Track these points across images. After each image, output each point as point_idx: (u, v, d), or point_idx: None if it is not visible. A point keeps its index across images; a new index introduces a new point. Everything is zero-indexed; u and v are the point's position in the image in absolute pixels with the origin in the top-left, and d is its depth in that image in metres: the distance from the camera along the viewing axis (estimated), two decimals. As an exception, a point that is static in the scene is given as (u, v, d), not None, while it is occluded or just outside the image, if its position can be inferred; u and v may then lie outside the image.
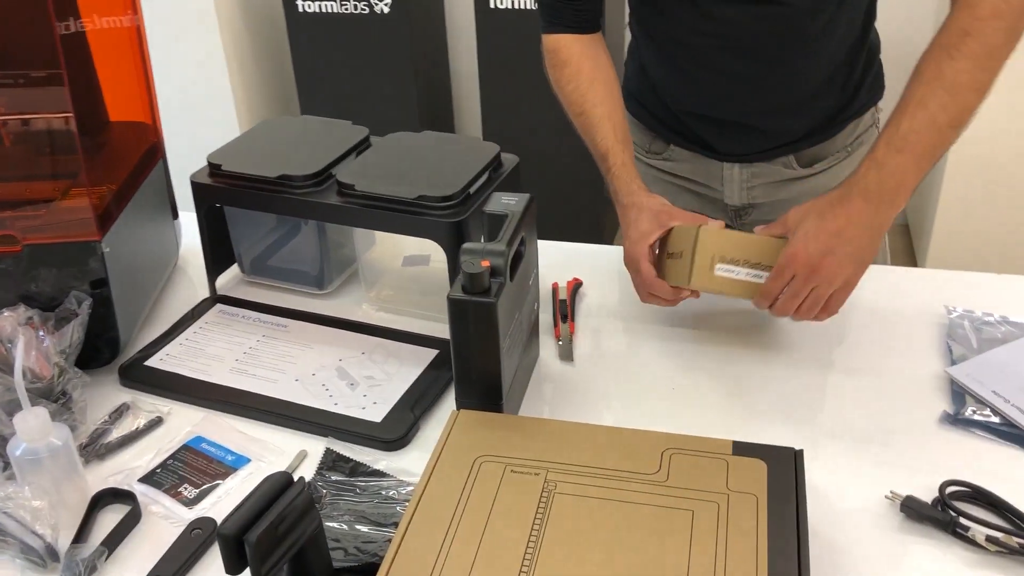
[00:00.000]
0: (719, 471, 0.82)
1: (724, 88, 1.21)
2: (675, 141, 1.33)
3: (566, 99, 1.23)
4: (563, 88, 1.23)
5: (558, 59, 1.22)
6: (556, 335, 1.15)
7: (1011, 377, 1.01)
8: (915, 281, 1.23)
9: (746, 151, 1.29)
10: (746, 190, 1.32)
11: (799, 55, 1.17)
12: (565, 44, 1.22)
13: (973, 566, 0.82)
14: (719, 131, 1.29)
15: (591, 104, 1.19)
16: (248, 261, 1.29)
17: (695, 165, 1.33)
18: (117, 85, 1.21)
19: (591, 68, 1.20)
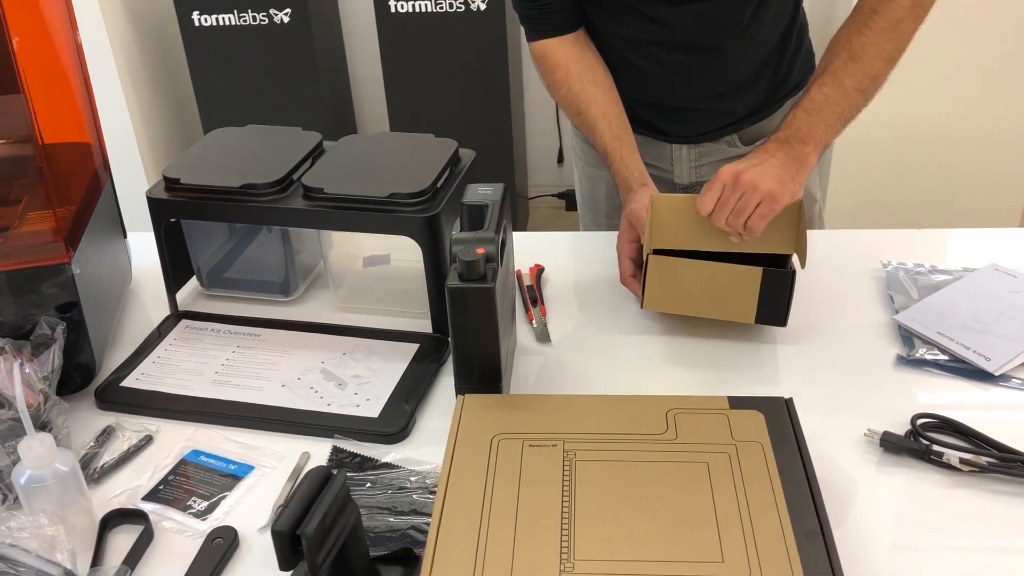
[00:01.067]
0: (722, 424, 0.88)
1: (668, 78, 1.28)
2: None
3: (561, 102, 1.29)
4: (557, 92, 1.28)
5: (547, 65, 1.27)
6: (530, 319, 1.19)
7: (951, 318, 1.11)
8: (848, 241, 1.33)
9: (693, 133, 1.37)
10: (694, 168, 1.40)
11: (735, 43, 1.26)
12: (552, 49, 1.26)
13: (950, 487, 0.91)
14: (666, 116, 1.37)
15: (585, 104, 1.25)
16: (208, 275, 1.28)
17: (646, 148, 1.40)
18: (59, 106, 1.18)
19: (579, 69, 1.26)
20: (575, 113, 1.28)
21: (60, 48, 1.16)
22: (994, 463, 0.91)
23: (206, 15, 2.57)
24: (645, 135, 1.39)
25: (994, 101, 2.49)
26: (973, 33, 2.41)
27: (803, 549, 0.74)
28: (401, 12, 2.58)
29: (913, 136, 2.54)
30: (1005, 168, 2.58)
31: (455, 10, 2.56)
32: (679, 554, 0.74)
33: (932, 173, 2.60)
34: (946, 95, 2.48)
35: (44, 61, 1.13)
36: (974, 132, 2.54)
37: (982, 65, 2.45)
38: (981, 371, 1.04)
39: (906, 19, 1.12)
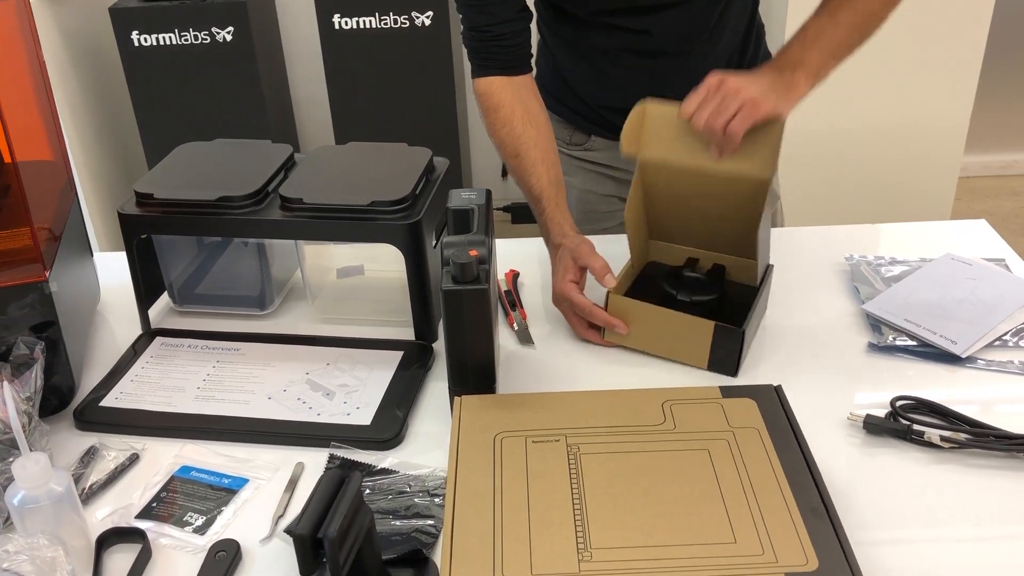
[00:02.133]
0: (717, 413, 0.91)
1: (636, 82, 1.31)
2: (595, 132, 1.42)
3: (500, 142, 1.25)
4: (497, 132, 1.25)
5: (491, 103, 1.24)
6: (511, 322, 1.21)
7: (917, 305, 1.16)
8: (811, 237, 1.38)
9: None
10: None
11: (703, 46, 1.29)
12: (497, 87, 1.24)
13: (932, 463, 0.95)
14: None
15: (525, 147, 1.22)
16: (179, 291, 1.26)
17: (615, 153, 1.42)
18: (24, 124, 1.15)
19: (523, 112, 1.23)
20: (513, 155, 1.24)
21: (24, 66, 1.14)
22: (970, 439, 0.95)
23: (146, 35, 2.53)
24: (614, 140, 1.41)
25: (922, 106, 2.61)
26: (901, 35, 2.52)
27: (810, 525, 0.77)
28: (345, 28, 2.57)
29: (851, 138, 2.63)
30: (936, 164, 2.70)
31: (399, 26, 2.57)
32: (693, 537, 0.76)
33: (862, 172, 2.70)
34: (883, 101, 2.58)
35: (10, 79, 1.11)
36: (905, 134, 2.65)
37: (916, 70, 2.56)
38: (948, 354, 1.09)
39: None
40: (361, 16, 2.56)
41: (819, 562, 0.73)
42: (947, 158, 2.70)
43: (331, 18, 2.57)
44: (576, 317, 1.16)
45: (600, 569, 0.74)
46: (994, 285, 1.19)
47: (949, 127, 2.65)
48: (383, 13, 2.55)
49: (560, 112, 1.44)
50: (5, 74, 1.09)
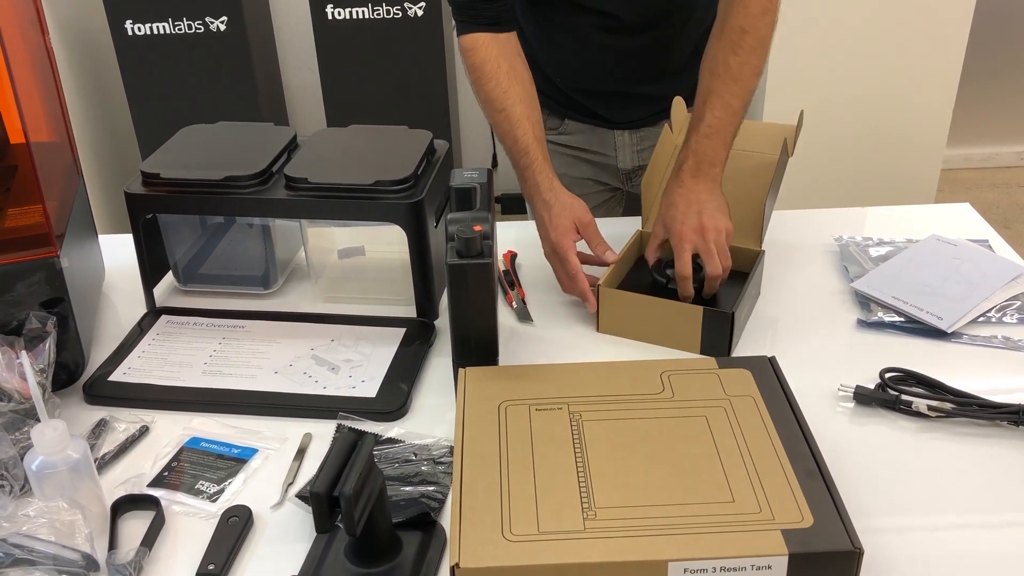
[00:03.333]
0: (714, 383, 0.94)
1: (608, 63, 1.34)
2: (568, 116, 1.45)
3: (486, 96, 1.26)
4: (483, 86, 1.25)
5: (476, 58, 1.25)
6: (509, 301, 1.24)
7: (903, 283, 1.19)
8: (801, 220, 1.41)
9: (633, 118, 1.43)
10: (636, 153, 1.46)
11: (673, 27, 1.32)
12: (483, 43, 1.25)
13: (920, 432, 0.98)
14: (607, 102, 1.42)
15: (511, 102, 1.23)
16: (183, 270, 1.28)
17: (589, 136, 1.46)
18: (30, 106, 1.17)
19: (509, 68, 1.24)
20: (498, 109, 1.25)
21: (33, 50, 1.15)
22: (955, 408, 0.99)
23: (139, 24, 2.54)
24: (588, 123, 1.45)
25: (905, 100, 2.65)
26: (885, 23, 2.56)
27: (805, 485, 0.80)
28: (338, 19, 2.59)
29: (836, 133, 2.68)
30: (919, 157, 2.75)
31: (392, 16, 2.59)
32: (693, 497, 0.79)
33: (847, 165, 2.75)
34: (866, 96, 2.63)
35: (21, 62, 1.12)
36: (889, 128, 2.69)
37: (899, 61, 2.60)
38: (935, 329, 1.12)
39: (769, 35, 1.20)
40: (354, 7, 2.58)
41: (814, 519, 0.76)
42: (930, 151, 2.75)
43: (324, 8, 2.59)
44: (564, 273, 1.19)
45: (604, 526, 0.76)
46: (978, 265, 1.22)
47: (932, 121, 2.70)
48: (376, 3, 2.57)
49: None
50: (16, 57, 1.10)
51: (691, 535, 0.75)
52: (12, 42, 1.05)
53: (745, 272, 1.18)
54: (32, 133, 1.18)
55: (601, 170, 1.51)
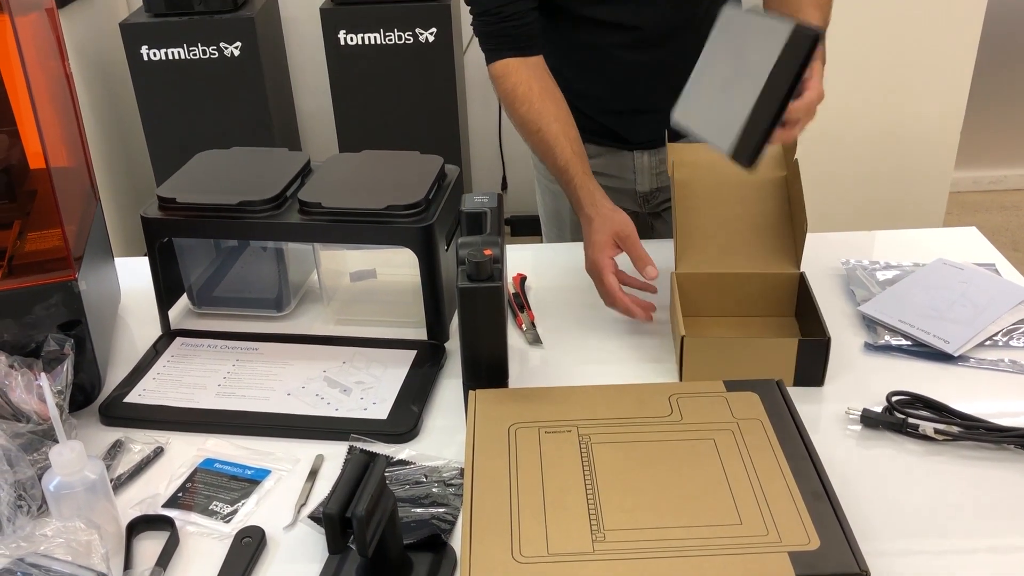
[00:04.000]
0: (721, 405, 0.95)
1: (629, 78, 1.36)
2: (588, 138, 1.46)
3: (520, 120, 1.28)
4: (517, 110, 1.28)
5: (508, 84, 1.28)
6: (519, 324, 1.25)
7: (910, 307, 1.20)
8: (808, 243, 1.41)
9: (652, 137, 1.44)
10: (654, 176, 1.48)
11: (690, 40, 1.33)
12: (513, 68, 1.28)
13: (927, 455, 0.99)
14: (627, 120, 1.44)
15: (547, 122, 1.25)
16: (198, 293, 1.30)
17: (608, 159, 1.47)
18: (51, 131, 1.20)
19: (541, 89, 1.27)
20: (535, 131, 1.27)
21: (53, 76, 1.18)
22: (962, 431, 0.99)
23: (155, 50, 2.58)
24: (607, 146, 1.46)
25: (913, 123, 2.67)
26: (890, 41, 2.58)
27: (811, 507, 0.81)
28: (350, 44, 2.63)
29: (845, 156, 2.69)
30: (927, 180, 2.76)
31: (404, 42, 2.62)
32: (700, 519, 0.80)
33: (856, 188, 2.76)
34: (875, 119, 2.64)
35: (42, 88, 1.15)
36: (897, 151, 2.71)
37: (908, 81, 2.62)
38: (941, 353, 1.13)
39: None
40: (366, 32, 2.61)
41: (821, 541, 0.77)
42: (938, 174, 2.76)
43: (337, 34, 2.62)
44: (605, 289, 1.18)
45: (613, 548, 0.77)
46: (984, 288, 1.23)
47: (939, 143, 2.71)
48: (388, 29, 2.61)
49: None
50: (37, 84, 1.13)
51: (699, 557, 0.76)
52: (34, 69, 1.08)
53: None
54: (52, 158, 1.20)
55: (619, 194, 1.53)
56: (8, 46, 1.05)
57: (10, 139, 1.12)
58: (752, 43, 1.04)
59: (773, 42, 1.00)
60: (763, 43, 1.01)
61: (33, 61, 1.12)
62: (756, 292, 1.21)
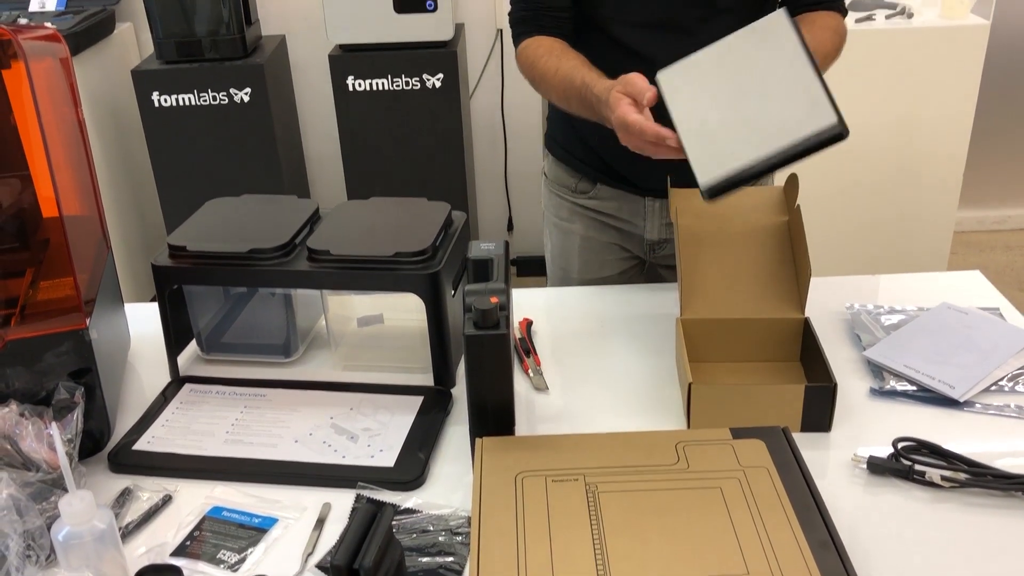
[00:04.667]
0: (728, 453, 0.95)
1: None
2: (601, 180, 1.49)
3: (540, 71, 1.30)
4: (536, 64, 1.31)
5: (531, 49, 1.33)
6: (525, 369, 1.26)
7: (916, 352, 1.21)
8: (813, 288, 1.42)
9: (661, 183, 1.45)
10: (664, 226, 1.49)
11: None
12: (535, 41, 1.33)
13: (934, 502, 0.99)
14: (641, 166, 1.42)
15: (565, 62, 1.27)
16: (207, 339, 1.31)
17: (620, 203, 1.49)
18: (64, 180, 1.22)
19: (561, 47, 1.31)
20: (554, 71, 1.27)
21: (66, 123, 1.20)
22: (969, 478, 0.99)
23: (166, 96, 2.62)
24: (619, 188, 1.48)
25: (917, 163, 2.69)
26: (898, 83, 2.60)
27: (818, 557, 0.81)
28: (359, 90, 2.66)
29: (849, 195, 2.71)
30: (931, 219, 2.77)
31: (411, 88, 2.66)
32: (707, 569, 0.80)
33: (861, 227, 2.77)
34: (879, 159, 2.66)
35: (55, 136, 1.17)
36: (901, 191, 2.72)
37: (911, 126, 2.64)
38: (947, 398, 1.13)
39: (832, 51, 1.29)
40: (374, 78, 2.65)
41: (828, 592, 0.77)
42: (942, 213, 2.77)
43: (345, 79, 2.66)
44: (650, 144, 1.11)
45: (620, 599, 0.77)
46: (989, 333, 1.24)
47: (943, 183, 2.73)
48: (395, 75, 2.65)
49: (568, 161, 1.51)
50: (51, 132, 1.15)
51: (706, 608, 0.76)
52: (48, 117, 1.10)
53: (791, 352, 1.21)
54: (65, 207, 1.22)
55: (627, 237, 1.54)
56: (23, 94, 1.07)
57: (23, 186, 1.14)
58: (786, 89, 1.01)
59: (809, 116, 0.98)
60: (797, 105, 0.99)
61: (47, 109, 1.15)
62: (761, 338, 1.22)
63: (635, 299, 1.43)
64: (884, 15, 2.62)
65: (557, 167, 1.56)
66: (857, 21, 2.59)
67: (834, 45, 1.29)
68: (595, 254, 1.56)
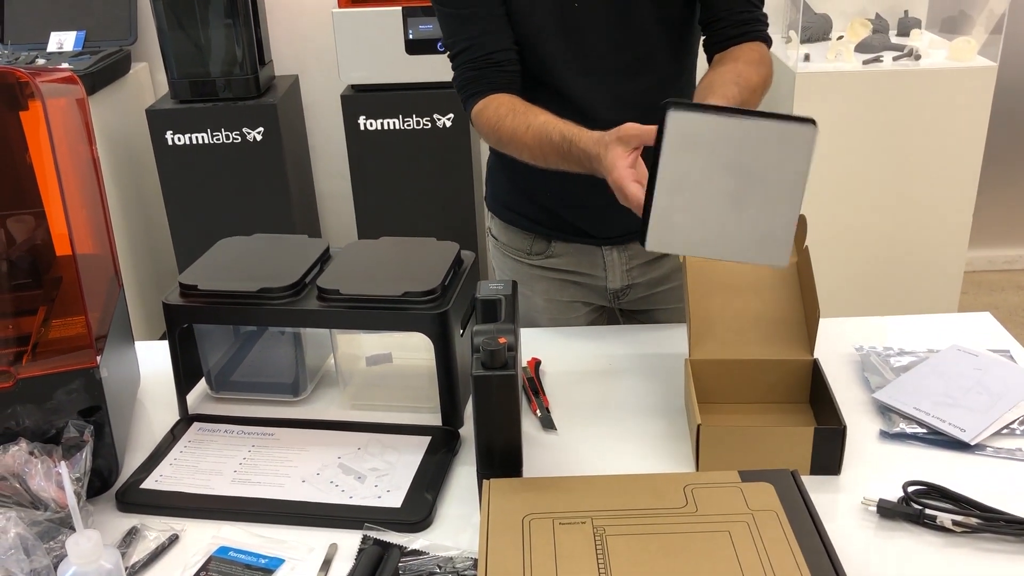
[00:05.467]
0: (736, 496, 0.95)
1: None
2: (555, 237, 1.47)
3: (512, 131, 1.25)
4: (504, 125, 1.26)
5: (490, 110, 1.28)
6: (533, 409, 1.25)
7: (925, 394, 1.20)
8: (822, 330, 1.42)
9: (620, 232, 1.44)
10: (625, 272, 1.48)
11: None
12: (491, 101, 1.29)
13: (945, 547, 0.98)
14: (594, 215, 1.43)
15: (533, 116, 1.24)
16: (216, 378, 1.32)
17: (579, 258, 1.47)
18: (77, 218, 1.23)
19: (522, 104, 1.28)
20: (525, 129, 1.23)
21: (81, 162, 1.22)
22: (981, 523, 0.98)
23: (179, 135, 2.66)
24: (575, 242, 1.47)
25: (926, 203, 2.69)
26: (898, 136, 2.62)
27: (829, 604, 0.80)
28: (370, 129, 2.70)
29: (859, 235, 2.71)
30: (941, 259, 2.77)
31: (421, 127, 2.69)
32: (716, 615, 0.80)
33: (871, 267, 2.77)
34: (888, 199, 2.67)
35: (70, 174, 1.19)
36: (911, 231, 2.72)
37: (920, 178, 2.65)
38: (958, 441, 1.13)
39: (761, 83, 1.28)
40: (385, 118, 2.68)
41: (838, 639, 0.76)
42: (952, 253, 2.77)
43: (356, 119, 2.70)
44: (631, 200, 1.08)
45: (628, 645, 0.77)
46: (1000, 375, 1.23)
47: (953, 223, 2.73)
48: (406, 115, 2.68)
49: (519, 223, 1.50)
50: (66, 171, 1.17)
51: (715, 655, 0.75)
52: (63, 158, 1.12)
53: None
54: (78, 245, 1.23)
55: (589, 291, 1.53)
56: (40, 135, 1.09)
57: (37, 223, 1.15)
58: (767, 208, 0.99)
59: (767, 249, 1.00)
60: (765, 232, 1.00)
61: (63, 150, 1.16)
62: (770, 379, 1.22)
63: (643, 338, 1.43)
64: (891, 57, 2.64)
65: (507, 230, 1.53)
66: (865, 63, 2.61)
67: (761, 77, 1.28)
68: (560, 313, 1.55)
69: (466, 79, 1.33)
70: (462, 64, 1.34)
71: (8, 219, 1.16)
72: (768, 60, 1.33)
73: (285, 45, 3.03)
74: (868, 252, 2.73)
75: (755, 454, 1.08)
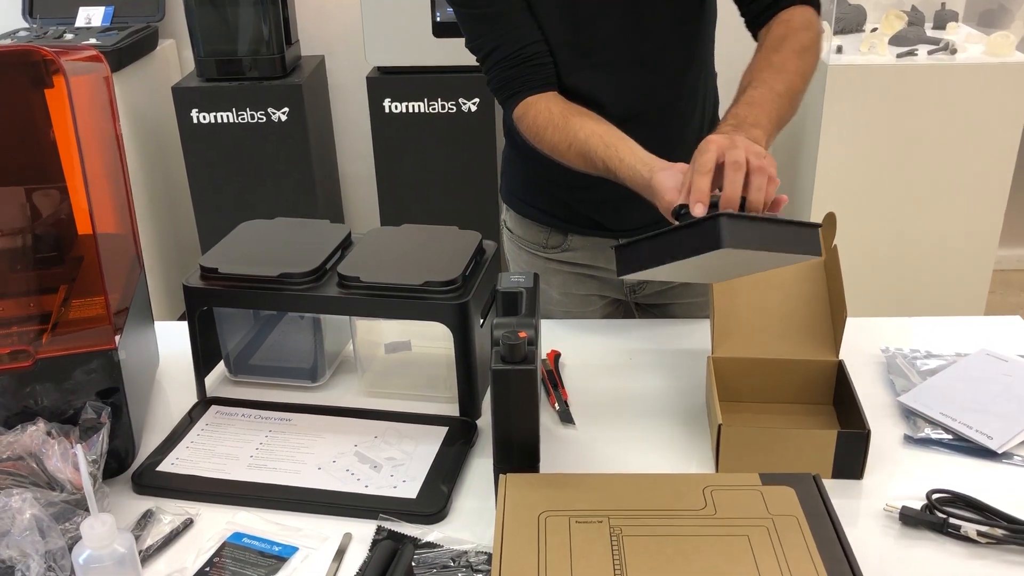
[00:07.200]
0: (756, 500, 0.93)
1: None
2: (571, 230, 1.46)
3: (553, 146, 1.25)
4: (545, 138, 1.26)
5: (529, 118, 1.27)
6: (552, 402, 1.24)
7: (952, 399, 1.18)
8: (847, 329, 1.40)
9: (635, 224, 1.41)
10: None
11: (670, 117, 1.34)
12: (532, 103, 1.27)
13: (969, 558, 0.96)
14: (610, 206, 1.41)
15: (573, 133, 1.22)
16: (235, 361, 1.31)
17: (594, 251, 1.46)
18: (99, 198, 1.23)
19: (561, 109, 1.25)
20: (567, 147, 1.23)
21: (105, 140, 1.21)
22: (1007, 535, 0.96)
23: (205, 113, 2.66)
24: (592, 235, 1.45)
25: (957, 200, 2.65)
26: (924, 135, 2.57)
27: (848, 614, 0.79)
28: (395, 112, 2.68)
29: (887, 233, 2.67)
30: (970, 258, 2.73)
31: (446, 111, 2.67)
32: (732, 621, 0.78)
33: (898, 265, 2.73)
34: (918, 196, 2.63)
35: (93, 153, 1.18)
36: (940, 228, 2.68)
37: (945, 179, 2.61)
38: (984, 449, 1.10)
39: (812, 46, 1.24)
40: (410, 101, 2.67)
41: (857, 651, 0.75)
42: (982, 252, 2.73)
43: (382, 102, 2.68)
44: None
45: (642, 649, 0.76)
46: (1030, 382, 1.21)
47: (985, 221, 2.69)
48: (431, 99, 2.66)
49: (534, 216, 1.48)
50: (89, 151, 1.16)
51: (730, 663, 0.74)
52: (87, 137, 1.11)
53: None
54: (99, 225, 1.23)
55: (605, 284, 1.52)
56: (64, 113, 1.08)
57: (61, 198, 1.15)
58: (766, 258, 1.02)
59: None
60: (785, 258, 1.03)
61: (87, 129, 1.16)
62: (794, 379, 1.20)
63: (663, 333, 1.42)
64: (926, 50, 2.59)
65: (523, 223, 1.52)
66: (899, 56, 2.57)
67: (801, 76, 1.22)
68: (576, 307, 1.54)
69: (502, 80, 1.31)
70: (495, 65, 1.31)
71: (33, 193, 1.16)
72: (815, 25, 1.27)
73: (312, 25, 3.02)
74: (895, 249, 2.69)
75: (777, 456, 1.06)
